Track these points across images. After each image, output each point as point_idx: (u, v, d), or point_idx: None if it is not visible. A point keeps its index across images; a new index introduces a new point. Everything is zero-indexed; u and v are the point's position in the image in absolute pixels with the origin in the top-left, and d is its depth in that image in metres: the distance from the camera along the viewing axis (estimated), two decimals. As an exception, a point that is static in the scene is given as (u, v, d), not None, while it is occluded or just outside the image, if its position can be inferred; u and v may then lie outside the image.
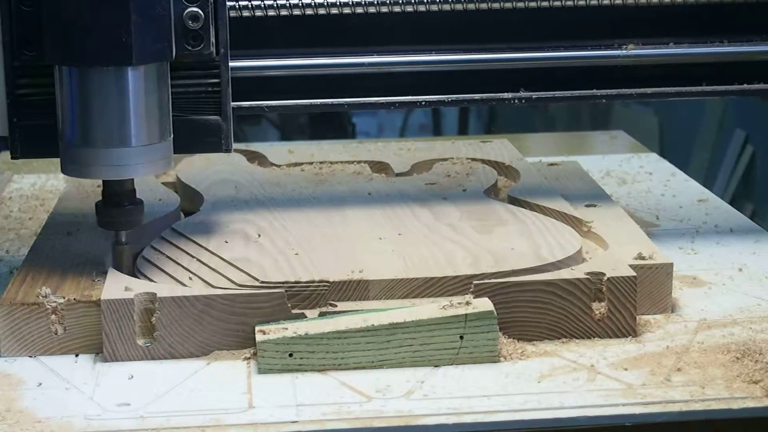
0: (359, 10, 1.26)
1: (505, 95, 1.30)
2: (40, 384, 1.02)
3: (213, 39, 1.14)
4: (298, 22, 1.27)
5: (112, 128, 1.08)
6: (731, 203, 1.51)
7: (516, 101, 1.30)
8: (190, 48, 1.14)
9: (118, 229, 1.15)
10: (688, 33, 1.32)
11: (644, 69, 1.32)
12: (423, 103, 1.30)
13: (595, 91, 1.31)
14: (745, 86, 1.33)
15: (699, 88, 1.32)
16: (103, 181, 1.13)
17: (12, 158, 1.15)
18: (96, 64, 1.06)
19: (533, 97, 1.30)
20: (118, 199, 1.14)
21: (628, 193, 1.55)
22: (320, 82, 1.28)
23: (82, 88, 1.08)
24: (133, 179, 1.14)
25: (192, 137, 1.17)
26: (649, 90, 1.31)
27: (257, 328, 1.04)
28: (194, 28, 1.13)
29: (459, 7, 1.27)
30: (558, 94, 1.31)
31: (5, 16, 1.11)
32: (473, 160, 1.51)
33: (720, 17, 1.32)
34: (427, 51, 1.29)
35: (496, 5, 1.28)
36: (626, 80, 1.32)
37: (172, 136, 1.13)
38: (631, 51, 1.30)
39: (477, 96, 1.30)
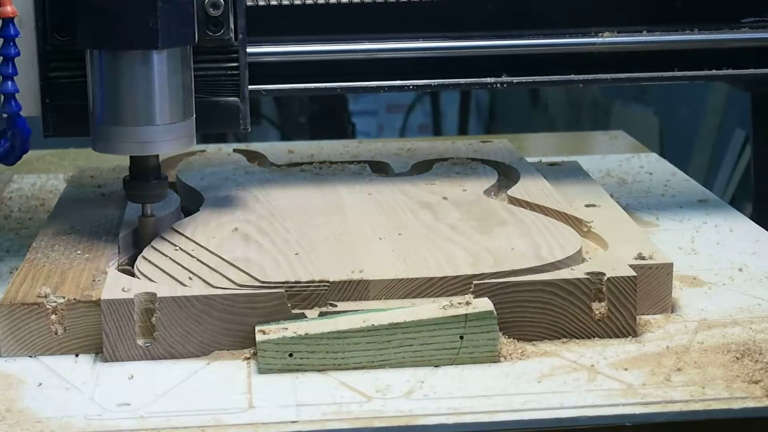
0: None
1: (488, 80, 1.38)
2: (40, 384, 1.02)
3: (232, 25, 1.21)
4: (294, 11, 1.34)
5: (139, 108, 1.15)
6: (731, 203, 1.51)
7: (498, 85, 1.38)
8: (211, 34, 1.21)
9: (144, 202, 1.22)
10: (661, 21, 1.40)
11: (619, 55, 1.40)
12: (411, 87, 1.38)
13: (573, 76, 1.40)
14: (714, 72, 1.42)
15: (671, 74, 1.41)
16: (131, 157, 1.20)
17: (44, 136, 1.21)
18: (125, 48, 1.14)
19: (514, 81, 1.38)
20: (144, 174, 1.20)
21: (628, 193, 1.55)
22: (315, 68, 1.36)
23: (112, 71, 1.15)
24: (158, 155, 1.21)
25: (212, 117, 1.24)
26: (623, 75, 1.40)
27: (257, 328, 1.04)
28: (215, 14, 1.20)
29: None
30: (537, 78, 1.40)
31: (38, 2, 1.17)
32: (473, 160, 1.51)
33: (691, 7, 1.40)
34: (416, 38, 1.37)
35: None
36: (602, 66, 1.40)
37: (194, 115, 1.19)
38: (607, 38, 1.38)
39: (462, 80, 1.39)
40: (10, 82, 1.15)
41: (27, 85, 1.18)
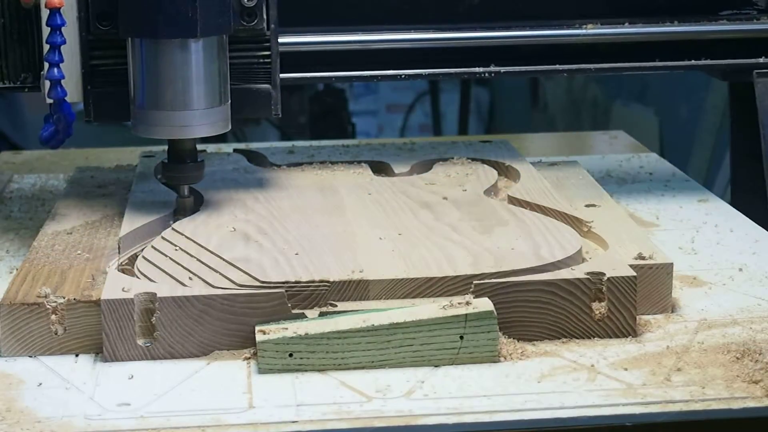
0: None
1: (477, 69, 1.44)
2: (40, 384, 1.02)
3: (265, 16, 1.26)
4: (289, 2, 1.35)
5: (178, 93, 1.21)
6: (731, 203, 1.51)
7: (486, 74, 1.44)
8: (245, 23, 1.26)
9: (181, 183, 1.28)
10: (643, 14, 1.46)
11: (603, 46, 1.47)
12: (403, 76, 1.44)
13: (557, 66, 1.46)
14: (693, 62, 1.48)
15: (652, 64, 1.47)
16: (169, 141, 1.26)
17: (86, 121, 1.26)
18: (165, 36, 1.19)
19: (502, 71, 1.44)
20: (181, 157, 1.26)
21: (628, 193, 1.55)
22: (310, 58, 1.42)
23: (152, 58, 1.21)
24: (195, 139, 1.26)
25: (246, 103, 1.29)
26: (606, 65, 1.46)
27: (257, 328, 1.04)
28: (249, 5, 1.26)
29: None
30: (524, 68, 1.46)
31: None
32: (473, 160, 1.51)
33: (671, 0, 1.47)
34: (408, 30, 1.43)
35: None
36: (586, 56, 1.46)
37: (230, 101, 1.25)
38: (591, 30, 1.44)
39: (452, 70, 1.45)
40: (56, 69, 1.20)
41: (69, 72, 1.22)
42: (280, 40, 1.35)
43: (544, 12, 1.45)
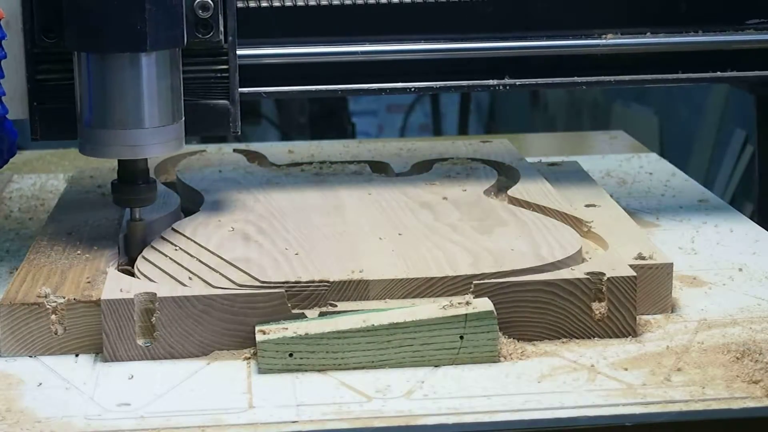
0: (349, 1, 1.36)
1: (491, 82, 1.38)
2: (40, 384, 1.02)
3: (222, 27, 1.20)
4: (296, 12, 1.34)
5: (128, 110, 1.14)
6: (731, 203, 1.51)
7: (501, 87, 1.38)
8: (200, 36, 1.19)
9: (132, 206, 1.21)
10: (665, 23, 1.39)
11: (623, 57, 1.39)
12: (413, 89, 1.37)
13: (575, 78, 1.39)
14: (719, 74, 1.40)
15: (675, 76, 1.40)
16: (119, 160, 1.19)
17: (32, 139, 1.20)
18: (113, 50, 1.12)
19: (517, 84, 1.38)
20: (132, 178, 1.19)
21: (628, 193, 1.55)
22: (316, 70, 1.36)
23: (100, 73, 1.13)
24: (146, 159, 1.19)
25: (202, 120, 1.23)
26: (626, 77, 1.39)
27: (257, 328, 1.04)
28: (204, 17, 1.18)
29: (449, -3, 1.37)
30: (540, 80, 1.38)
31: (26, 4, 1.16)
32: (473, 160, 1.51)
33: (695, 8, 1.40)
34: (417, 40, 1.36)
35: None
36: (605, 68, 1.39)
37: (183, 118, 1.18)
38: (610, 40, 1.37)
39: (464, 83, 1.38)
40: None
41: (14, 87, 1.17)
42: (286, 51, 1.32)
43: (561, 21, 1.39)
